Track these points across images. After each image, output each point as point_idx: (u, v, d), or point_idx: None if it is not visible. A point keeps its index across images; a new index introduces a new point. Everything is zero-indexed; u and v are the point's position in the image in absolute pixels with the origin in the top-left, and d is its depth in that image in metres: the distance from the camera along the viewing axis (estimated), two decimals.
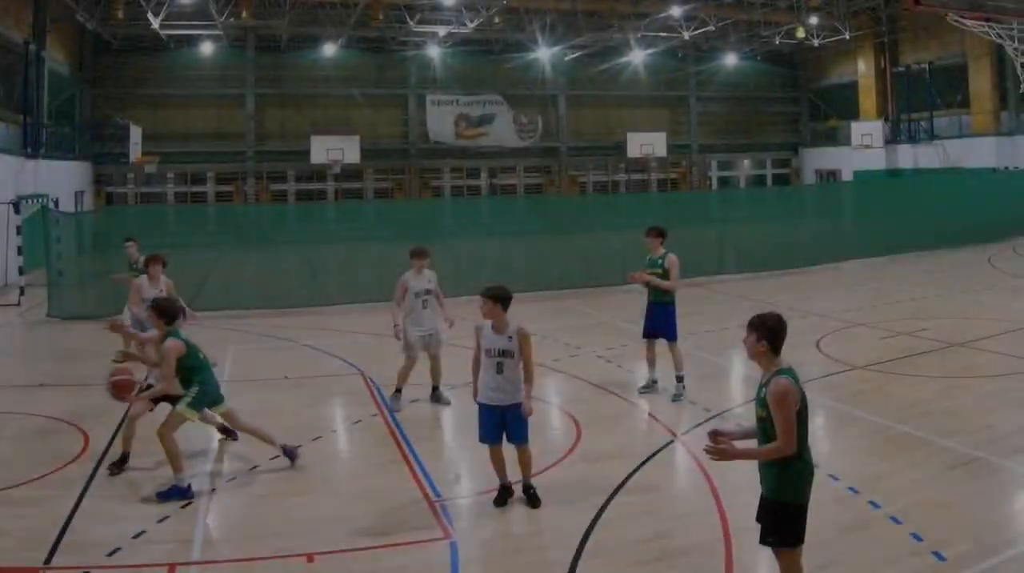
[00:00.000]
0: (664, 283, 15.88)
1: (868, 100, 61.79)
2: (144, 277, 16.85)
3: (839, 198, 45.60)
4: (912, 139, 57.65)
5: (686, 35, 54.36)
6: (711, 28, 53.09)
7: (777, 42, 59.34)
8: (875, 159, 57.85)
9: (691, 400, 15.14)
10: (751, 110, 69.06)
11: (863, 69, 62.25)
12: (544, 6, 52.63)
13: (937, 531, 9.57)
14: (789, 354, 7.92)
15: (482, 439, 10.94)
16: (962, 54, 54.11)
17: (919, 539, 9.40)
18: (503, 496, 10.82)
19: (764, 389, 7.62)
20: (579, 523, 10.10)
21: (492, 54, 59.31)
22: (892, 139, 58.81)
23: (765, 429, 7.63)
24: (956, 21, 23.08)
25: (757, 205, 51.08)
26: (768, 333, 7.72)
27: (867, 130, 58.53)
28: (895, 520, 9.94)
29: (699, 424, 13.91)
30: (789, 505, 7.61)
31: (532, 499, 10.73)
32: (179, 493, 11.02)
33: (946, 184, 46.53)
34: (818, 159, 67.30)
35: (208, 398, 11.81)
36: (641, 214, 41.39)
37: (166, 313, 11.58)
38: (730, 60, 65.04)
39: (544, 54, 57.30)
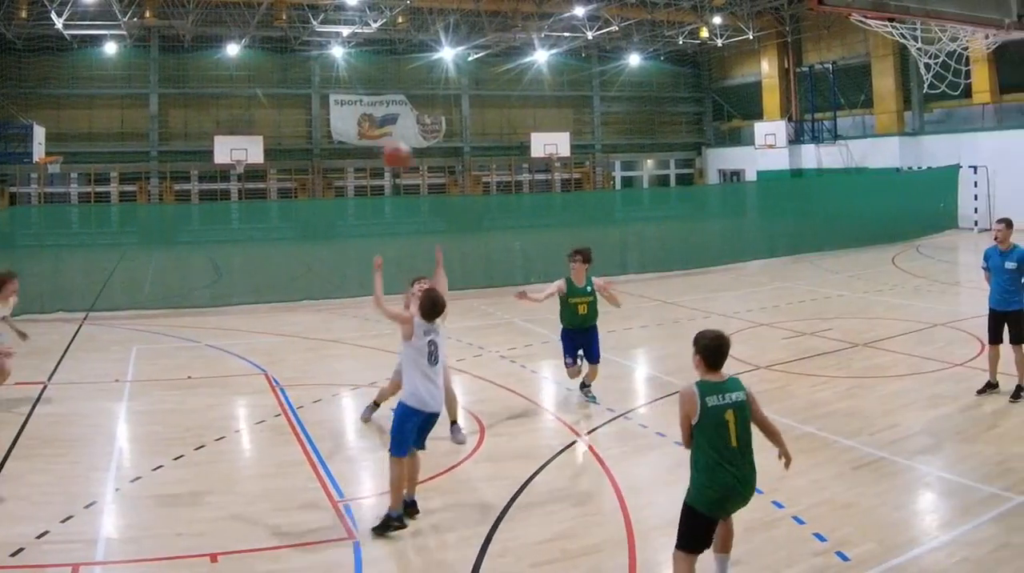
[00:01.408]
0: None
1: (772, 100, 62.46)
2: None
3: (743, 198, 46.20)
4: (816, 139, 58.33)
5: (590, 35, 54.62)
6: (614, 28, 53.39)
7: (681, 42, 59.93)
8: (779, 159, 58.44)
9: (608, 408, 15.14)
10: (655, 110, 69.50)
11: (767, 69, 62.94)
12: (448, 6, 52.57)
13: (841, 531, 9.66)
14: (688, 352, 8.04)
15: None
16: (866, 54, 54.97)
17: (823, 539, 9.48)
18: None
19: None
20: (483, 523, 10.11)
21: (396, 54, 59.13)
22: (796, 139, 59.41)
23: None
24: (859, 21, 23.29)
25: (661, 205, 51.59)
26: (702, 350, 8.28)
27: (770, 130, 59.18)
28: (798, 520, 10.01)
29: (602, 424, 13.98)
30: (686, 506, 8.16)
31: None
32: None
33: (850, 184, 47.28)
34: (722, 159, 67.95)
35: None
36: (544, 214, 41.56)
37: None
38: (634, 60, 65.49)
39: (448, 54, 57.45)
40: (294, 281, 28.74)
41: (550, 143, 61.35)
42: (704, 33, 57.89)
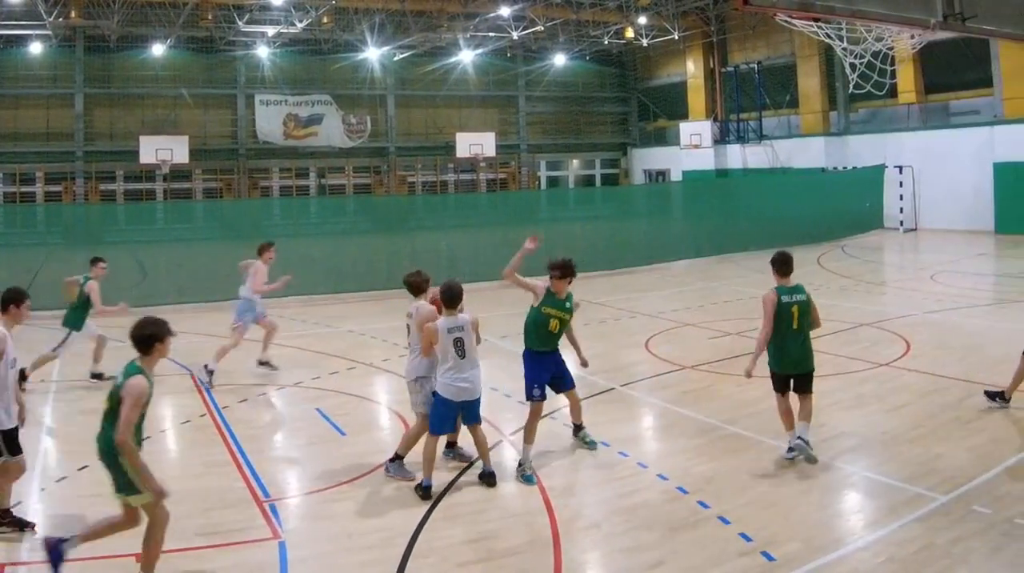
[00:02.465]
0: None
1: (697, 100, 62.96)
2: None
3: (668, 198, 46.35)
4: (741, 139, 58.87)
5: (515, 35, 54.71)
6: (540, 28, 53.57)
7: (606, 42, 60.17)
8: (704, 159, 58.87)
9: (519, 400, 15.09)
10: (580, 110, 69.89)
11: (692, 69, 63.40)
12: (373, 6, 52.47)
13: (766, 531, 9.70)
14: (618, 354, 8.00)
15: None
16: (791, 54, 55.53)
17: (748, 539, 9.51)
18: None
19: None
20: (408, 523, 10.12)
21: (321, 54, 58.89)
22: (721, 139, 59.98)
23: None
24: (785, 21, 23.38)
25: (586, 205, 51.68)
26: (774, 264, 12.52)
27: (696, 130, 59.56)
28: (724, 520, 10.03)
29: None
30: (771, 370, 12.27)
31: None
32: None
33: (775, 184, 47.61)
34: (647, 159, 68.37)
35: None
36: (470, 214, 41.47)
37: None
38: (559, 60, 65.76)
39: (373, 54, 57.30)
40: (219, 281, 28.51)
41: (475, 143, 61.39)
42: (629, 33, 58.14)
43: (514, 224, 36.32)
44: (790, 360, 12.01)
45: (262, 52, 57.29)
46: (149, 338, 8.85)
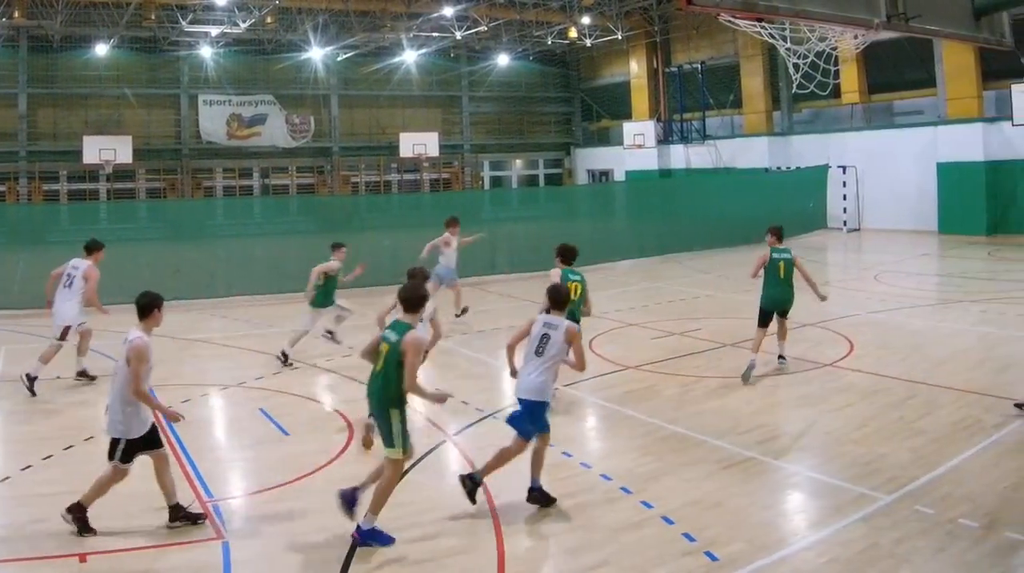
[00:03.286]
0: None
1: (640, 100, 63.02)
2: None
3: (611, 198, 46.43)
4: (685, 139, 59.01)
5: (458, 35, 54.59)
6: (483, 28, 53.47)
7: (550, 42, 60.21)
8: (647, 159, 58.96)
9: (463, 400, 15.08)
10: (524, 110, 69.90)
11: (635, 69, 63.48)
12: (316, 6, 52.07)
13: (710, 531, 9.72)
14: None
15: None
16: (734, 54, 55.77)
17: (692, 539, 9.53)
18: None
19: None
20: (353, 523, 10.01)
21: (264, 54, 58.52)
22: (664, 139, 60.01)
23: None
24: (728, 21, 23.34)
25: (530, 205, 51.68)
26: (771, 231, 17.49)
27: (639, 130, 59.61)
28: (667, 520, 10.05)
29: (471, 424, 14.00)
30: (760, 307, 17.21)
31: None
32: None
33: (718, 184, 47.82)
34: (591, 159, 68.47)
35: None
36: (414, 214, 41.35)
37: None
38: (503, 60, 65.67)
39: (316, 54, 57.04)
40: (163, 281, 28.35)
41: (419, 143, 61.17)
42: (573, 33, 58.24)
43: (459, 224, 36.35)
44: (774, 301, 17.18)
45: (205, 52, 56.80)
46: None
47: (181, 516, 10.19)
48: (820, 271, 32.53)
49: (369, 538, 9.68)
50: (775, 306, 17.21)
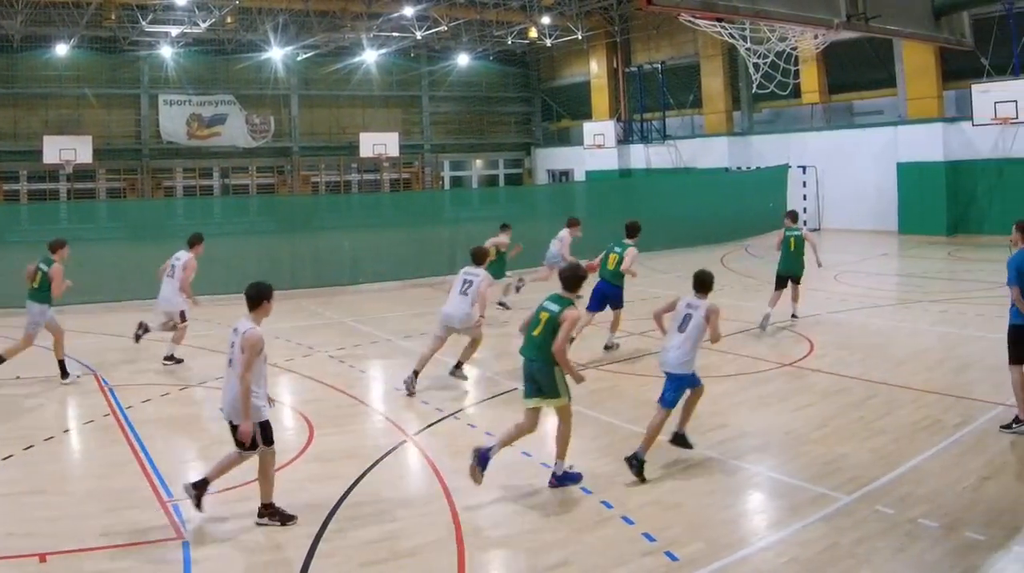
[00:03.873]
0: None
1: (601, 100, 63.17)
2: None
3: (571, 198, 46.47)
4: (645, 139, 59.22)
5: (419, 35, 54.56)
6: (444, 28, 53.47)
7: (510, 42, 60.31)
8: (608, 159, 59.14)
9: (423, 400, 15.10)
10: (484, 110, 70.11)
11: (596, 69, 63.61)
12: (276, 6, 51.95)
13: (670, 531, 9.72)
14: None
15: None
16: (695, 54, 56.02)
17: (652, 539, 9.52)
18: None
19: None
20: (312, 523, 10.07)
21: (225, 54, 58.44)
22: (625, 139, 60.19)
23: None
24: (688, 21, 23.45)
25: (490, 205, 51.64)
26: (787, 215, 22.67)
27: (599, 130, 59.82)
28: (628, 520, 10.06)
29: (430, 424, 13.98)
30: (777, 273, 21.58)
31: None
32: None
33: (678, 184, 47.93)
34: (551, 159, 68.68)
35: None
36: (374, 214, 41.35)
37: None
38: (463, 60, 65.75)
39: (276, 54, 57.03)
40: (123, 281, 28.21)
41: (379, 143, 61.25)
42: (533, 33, 58.32)
43: (418, 224, 36.35)
44: (787, 268, 21.57)
45: (166, 52, 56.71)
46: None
47: (270, 513, 10.29)
48: None
49: (564, 480, 11.24)
50: (788, 273, 21.58)
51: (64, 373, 17.26)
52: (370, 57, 59.86)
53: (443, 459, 11.95)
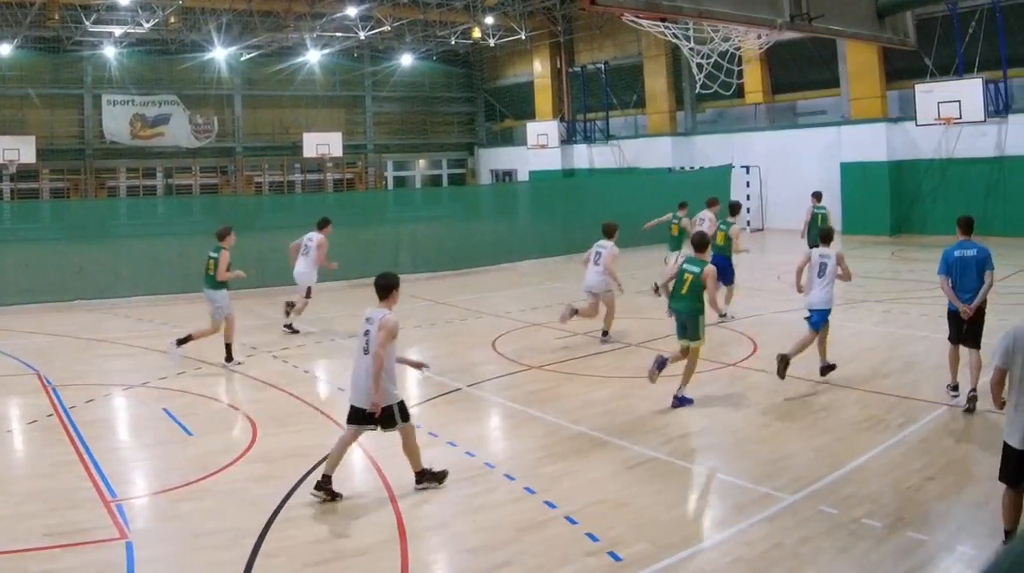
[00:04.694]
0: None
1: (544, 100, 63.29)
2: None
3: (515, 198, 46.50)
4: (588, 139, 59.30)
5: (362, 35, 54.34)
6: (387, 28, 53.30)
7: (453, 42, 60.15)
8: (551, 159, 59.25)
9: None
10: (427, 110, 70.09)
11: (539, 69, 63.70)
12: (220, 6, 51.59)
13: (614, 531, 9.71)
14: (465, 354, 7.97)
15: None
16: (638, 54, 56.10)
17: (595, 539, 9.51)
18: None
19: None
20: (256, 523, 10.06)
21: (168, 54, 58.07)
22: (568, 139, 60.27)
23: None
24: (632, 21, 23.42)
25: (433, 205, 51.68)
26: (814, 195, 29.10)
27: (543, 130, 59.87)
28: (571, 520, 10.03)
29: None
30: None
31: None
32: None
33: (622, 184, 47.97)
34: (494, 159, 68.76)
35: None
36: (317, 214, 41.18)
37: None
38: (406, 60, 65.68)
39: (220, 54, 56.72)
40: (66, 281, 28.06)
41: (322, 143, 61.21)
42: (476, 33, 58.16)
43: (361, 225, 36.21)
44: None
45: (109, 52, 56.32)
46: None
47: (325, 488, 10.70)
48: None
49: (682, 402, 14.62)
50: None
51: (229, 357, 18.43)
52: (313, 57, 59.62)
53: (387, 459, 11.89)
